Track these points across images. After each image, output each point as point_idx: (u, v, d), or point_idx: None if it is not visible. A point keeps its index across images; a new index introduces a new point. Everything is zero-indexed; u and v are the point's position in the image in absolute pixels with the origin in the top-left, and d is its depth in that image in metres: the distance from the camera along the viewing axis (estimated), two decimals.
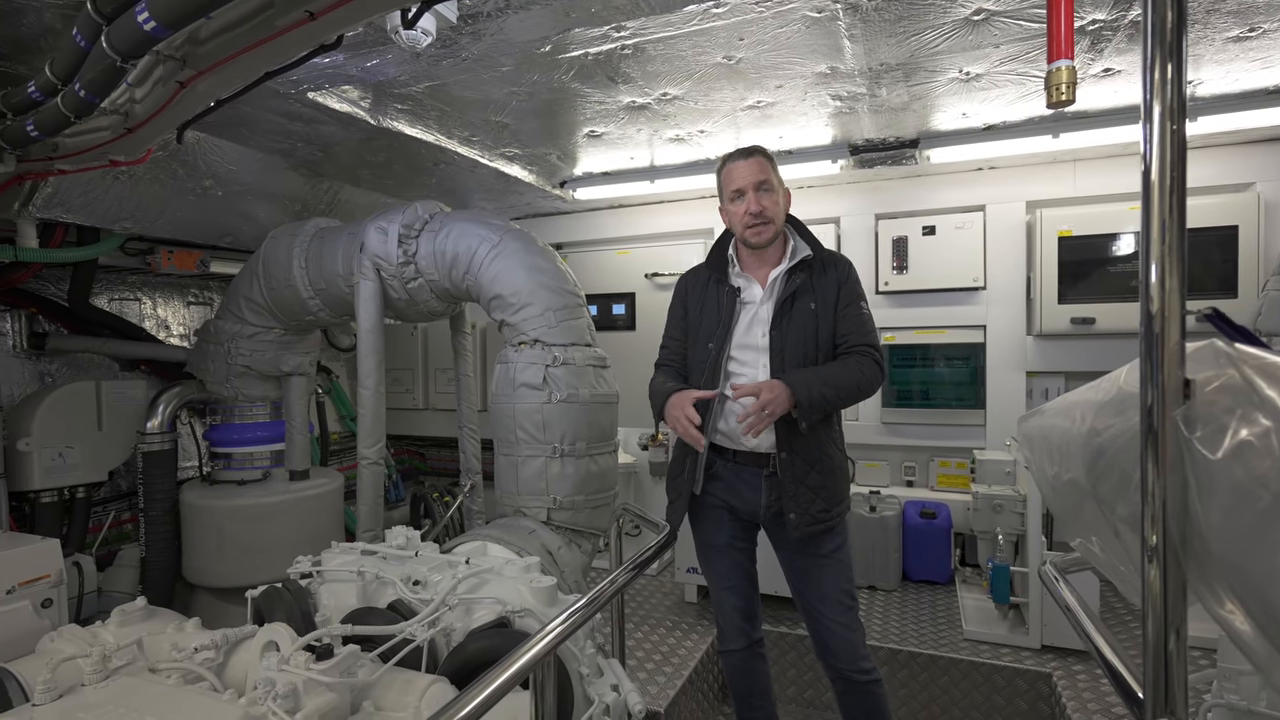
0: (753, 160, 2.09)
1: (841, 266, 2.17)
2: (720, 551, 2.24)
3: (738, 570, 2.25)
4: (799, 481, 2.03)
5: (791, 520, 2.04)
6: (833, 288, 2.12)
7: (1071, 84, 1.58)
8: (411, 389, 4.80)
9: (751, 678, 2.29)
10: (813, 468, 2.05)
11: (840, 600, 2.11)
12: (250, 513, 3.18)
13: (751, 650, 2.27)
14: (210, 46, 1.63)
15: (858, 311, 2.12)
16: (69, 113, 1.88)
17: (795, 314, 2.09)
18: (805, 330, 2.08)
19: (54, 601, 2.27)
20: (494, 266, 2.74)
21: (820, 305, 2.10)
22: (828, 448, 2.10)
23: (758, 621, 2.30)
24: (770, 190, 2.09)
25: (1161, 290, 0.91)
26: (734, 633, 2.25)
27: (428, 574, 1.90)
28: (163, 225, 3.17)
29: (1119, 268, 3.55)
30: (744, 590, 2.26)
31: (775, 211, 2.09)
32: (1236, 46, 2.40)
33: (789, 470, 2.04)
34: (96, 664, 1.52)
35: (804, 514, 2.03)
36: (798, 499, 2.03)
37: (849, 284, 2.14)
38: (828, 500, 2.06)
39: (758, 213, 2.06)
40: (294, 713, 1.34)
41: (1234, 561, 0.77)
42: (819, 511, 2.04)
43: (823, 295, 2.10)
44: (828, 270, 2.14)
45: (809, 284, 2.11)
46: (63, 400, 3.09)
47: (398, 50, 2.21)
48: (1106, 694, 2.57)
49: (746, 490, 2.14)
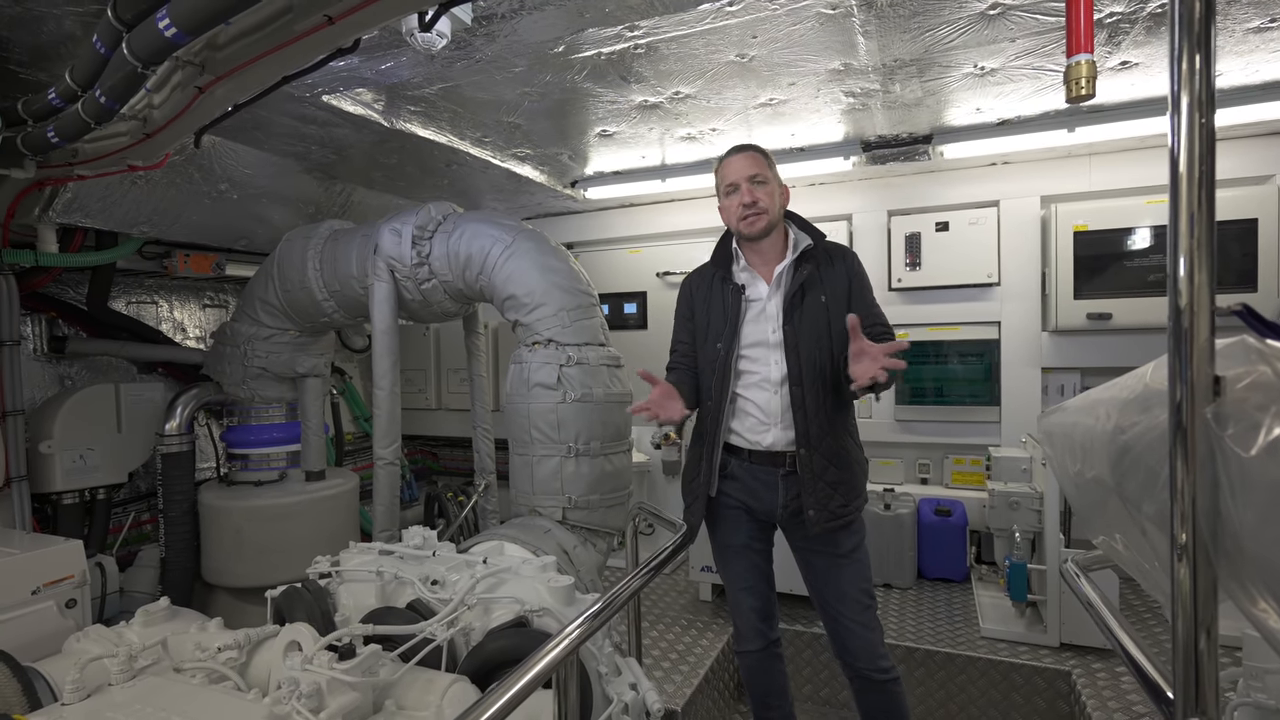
0: (745, 155, 2.10)
1: (849, 258, 2.15)
2: (737, 552, 2.23)
3: (754, 571, 2.24)
4: (817, 477, 2.02)
5: (810, 517, 2.02)
6: (843, 280, 2.09)
7: (1091, 78, 1.57)
8: (424, 389, 4.83)
9: (768, 678, 2.28)
10: (831, 463, 2.03)
11: (858, 599, 2.09)
12: (267, 513, 3.21)
13: (768, 650, 2.26)
14: (229, 51, 1.65)
15: (871, 301, 2.11)
16: (89, 119, 1.90)
17: (806, 307, 2.06)
18: (818, 323, 2.05)
19: (78, 602, 2.30)
20: (507, 267, 2.75)
21: (831, 298, 2.07)
22: (844, 441, 2.08)
23: (775, 622, 2.29)
24: (764, 183, 2.08)
25: (1190, 285, 0.90)
26: (751, 633, 2.25)
27: (446, 574, 1.91)
28: (179, 229, 3.20)
29: (1135, 262, 3.51)
30: (761, 591, 2.25)
31: (769, 203, 2.07)
32: (1257, 37, 2.37)
33: (807, 466, 2.02)
34: (123, 664, 1.55)
35: (822, 510, 2.02)
36: (816, 495, 2.02)
37: (859, 275, 2.12)
38: (846, 495, 2.05)
39: (750, 203, 2.06)
40: (318, 712, 1.35)
41: (1269, 559, 0.76)
42: (838, 507, 2.03)
43: (833, 287, 2.08)
44: (835, 262, 2.11)
45: (817, 276, 2.08)
46: (83, 403, 3.13)
47: (412, 53, 2.21)
48: (1127, 692, 2.55)
49: (763, 490, 2.12)
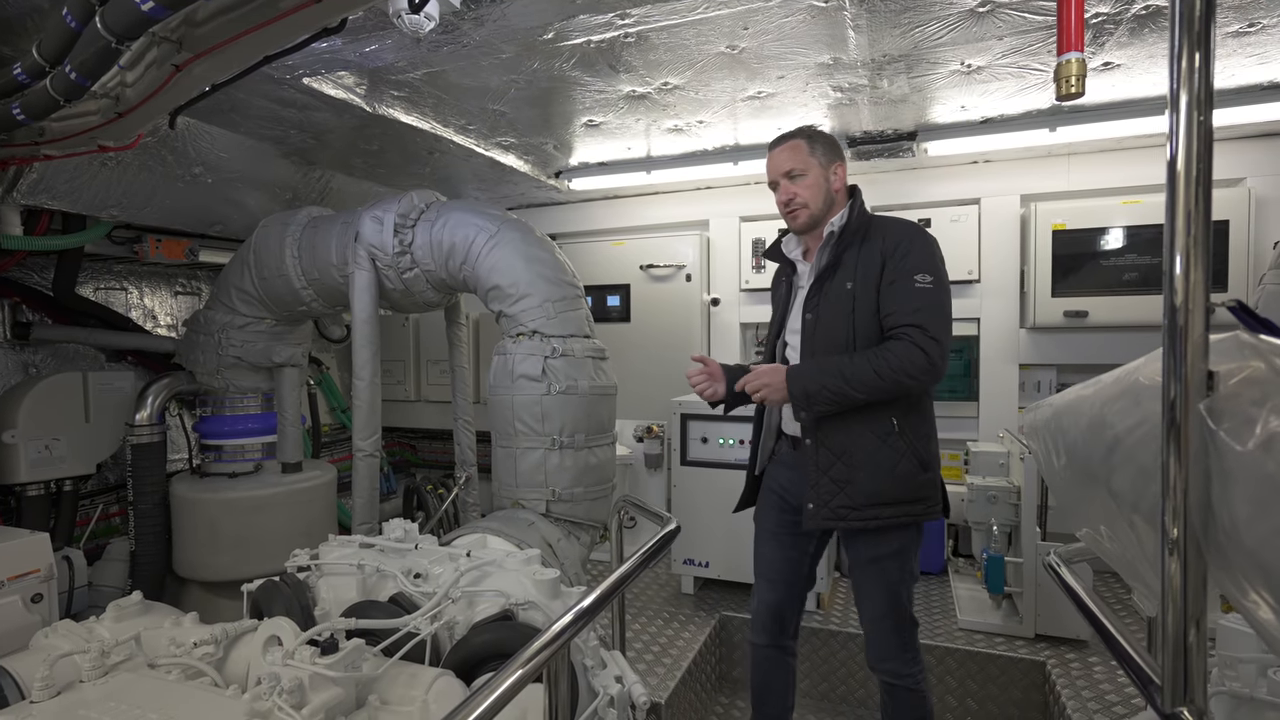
0: (782, 149, 2.06)
1: (892, 235, 1.94)
2: (765, 536, 2.21)
3: (782, 562, 2.16)
4: (822, 471, 1.96)
5: (809, 510, 1.97)
6: (875, 261, 1.92)
7: (1081, 76, 1.57)
8: (403, 381, 4.76)
9: (767, 676, 2.22)
10: (839, 459, 1.94)
11: (877, 611, 2.00)
12: (243, 505, 3.14)
13: (774, 648, 2.20)
14: (208, 28, 1.59)
15: (906, 286, 1.87)
16: (58, 96, 1.82)
17: (827, 294, 1.97)
18: (839, 312, 1.95)
19: (44, 596, 2.23)
20: (492, 257, 2.71)
21: (860, 283, 1.93)
22: (865, 440, 1.93)
23: (788, 626, 2.20)
24: (800, 175, 2.01)
25: (1186, 282, 0.91)
26: (759, 627, 2.20)
27: (429, 567, 1.88)
28: (150, 213, 3.10)
29: (1111, 261, 3.58)
30: (781, 584, 2.16)
31: (809, 195, 2.01)
32: (1235, 41, 2.41)
33: (811, 459, 1.97)
34: (95, 660, 1.50)
35: (822, 506, 1.95)
36: (818, 489, 1.96)
37: (898, 254, 1.90)
38: (853, 496, 1.93)
39: (786, 201, 2.05)
40: (300, 708, 1.32)
41: (1263, 552, 0.77)
42: (840, 507, 1.94)
43: (863, 271, 1.93)
44: (872, 241, 1.95)
45: (846, 259, 1.97)
46: (49, 392, 3.02)
47: (398, 35, 2.16)
48: (1099, 681, 2.61)
49: (799, 476, 2.06)
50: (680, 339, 4.37)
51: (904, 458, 1.93)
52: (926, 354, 1.83)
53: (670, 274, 4.39)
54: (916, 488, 1.95)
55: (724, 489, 3.41)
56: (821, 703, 3.12)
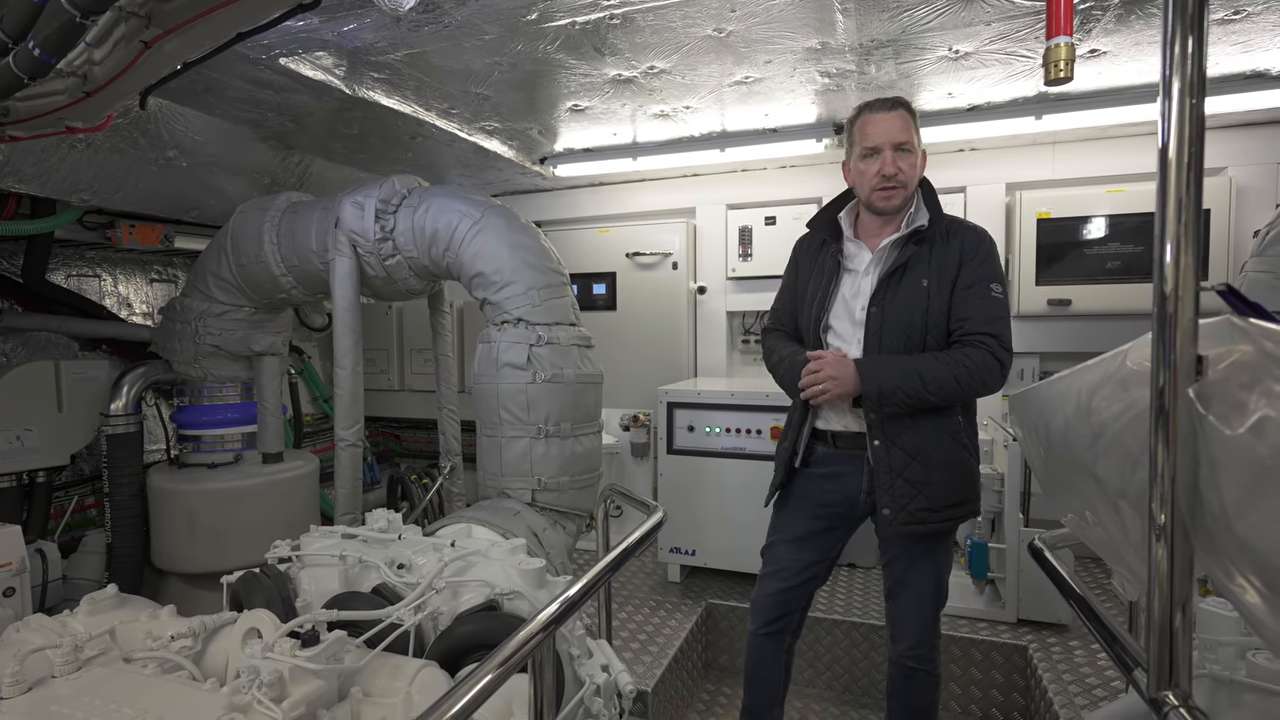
0: (895, 114, 1.86)
1: (970, 239, 1.89)
2: (786, 540, 2.10)
3: (799, 565, 2.07)
4: (895, 474, 1.84)
5: (885, 517, 1.85)
6: (953, 263, 1.85)
7: (1070, 61, 1.57)
8: (386, 370, 4.70)
9: (759, 666, 2.17)
10: (914, 459, 1.83)
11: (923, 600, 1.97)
12: (223, 496, 3.09)
13: (770, 638, 2.13)
14: (179, 3, 1.53)
15: (983, 294, 1.84)
16: (22, 74, 1.75)
17: (902, 290, 1.86)
18: (913, 310, 1.85)
19: (16, 590, 2.18)
20: (475, 243, 2.67)
21: (935, 283, 1.84)
22: (939, 438, 1.86)
23: (791, 626, 2.13)
24: (909, 152, 1.87)
25: (1176, 268, 0.90)
26: (757, 617, 2.14)
27: (412, 557, 1.85)
28: (123, 198, 3.01)
29: (1094, 250, 3.60)
30: (792, 584, 2.08)
31: (911, 175, 1.88)
32: (1220, 29, 2.42)
33: (883, 460, 1.85)
34: (68, 654, 1.46)
35: (900, 510, 1.84)
36: (893, 493, 1.84)
37: (975, 260, 1.86)
38: (932, 498, 1.84)
39: (891, 175, 1.85)
40: (280, 701, 1.29)
41: (1251, 536, 0.77)
42: (919, 510, 1.83)
43: (940, 271, 1.85)
44: (951, 241, 1.88)
45: (926, 256, 1.86)
46: (19, 381, 2.95)
47: (377, 14, 2.11)
48: (1080, 665, 2.64)
49: (849, 471, 1.96)
50: (666, 327, 4.35)
51: (971, 454, 1.93)
52: (1002, 365, 1.83)
53: (656, 262, 4.36)
54: (976, 483, 1.96)
55: (710, 477, 3.41)
56: (842, 693, 3.12)
